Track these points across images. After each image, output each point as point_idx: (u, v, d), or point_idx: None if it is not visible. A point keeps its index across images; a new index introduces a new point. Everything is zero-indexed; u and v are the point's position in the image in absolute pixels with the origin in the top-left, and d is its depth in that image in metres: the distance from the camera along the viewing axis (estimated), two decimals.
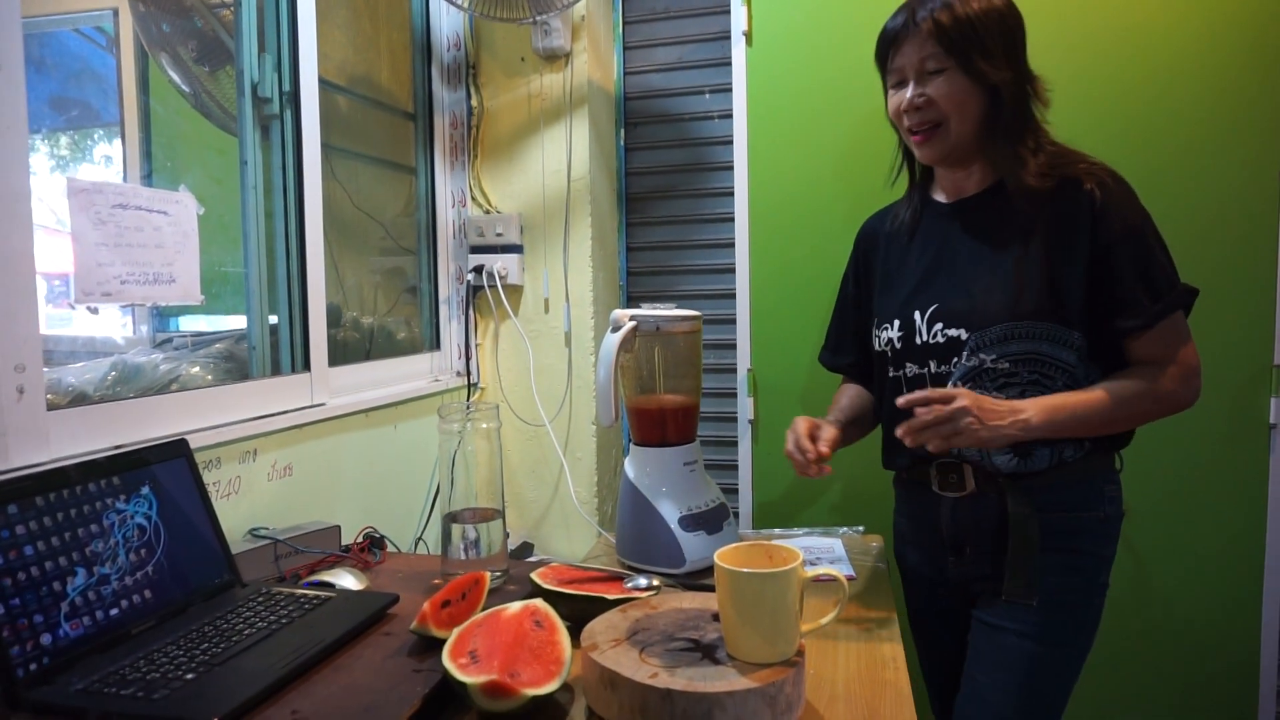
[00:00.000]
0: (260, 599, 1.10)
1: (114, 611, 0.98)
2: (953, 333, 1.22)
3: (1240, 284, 1.78)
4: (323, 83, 1.75)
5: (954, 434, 1.09)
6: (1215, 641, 1.83)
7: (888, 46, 1.25)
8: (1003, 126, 1.20)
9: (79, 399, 1.28)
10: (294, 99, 1.67)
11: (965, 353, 1.21)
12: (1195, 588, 1.83)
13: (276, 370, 1.63)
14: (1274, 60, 1.74)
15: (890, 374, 1.30)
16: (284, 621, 1.03)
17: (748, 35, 2.02)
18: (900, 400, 1.13)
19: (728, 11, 2.08)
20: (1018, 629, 1.19)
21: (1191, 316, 1.84)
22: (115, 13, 1.47)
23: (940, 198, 1.33)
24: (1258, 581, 1.80)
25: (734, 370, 2.11)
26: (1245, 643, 1.81)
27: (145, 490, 1.07)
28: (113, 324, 1.51)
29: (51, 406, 1.15)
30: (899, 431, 1.12)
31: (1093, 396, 1.15)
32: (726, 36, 2.14)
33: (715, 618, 0.94)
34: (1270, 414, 1.77)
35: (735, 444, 2.12)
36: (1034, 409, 1.13)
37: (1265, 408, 1.78)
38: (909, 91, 1.22)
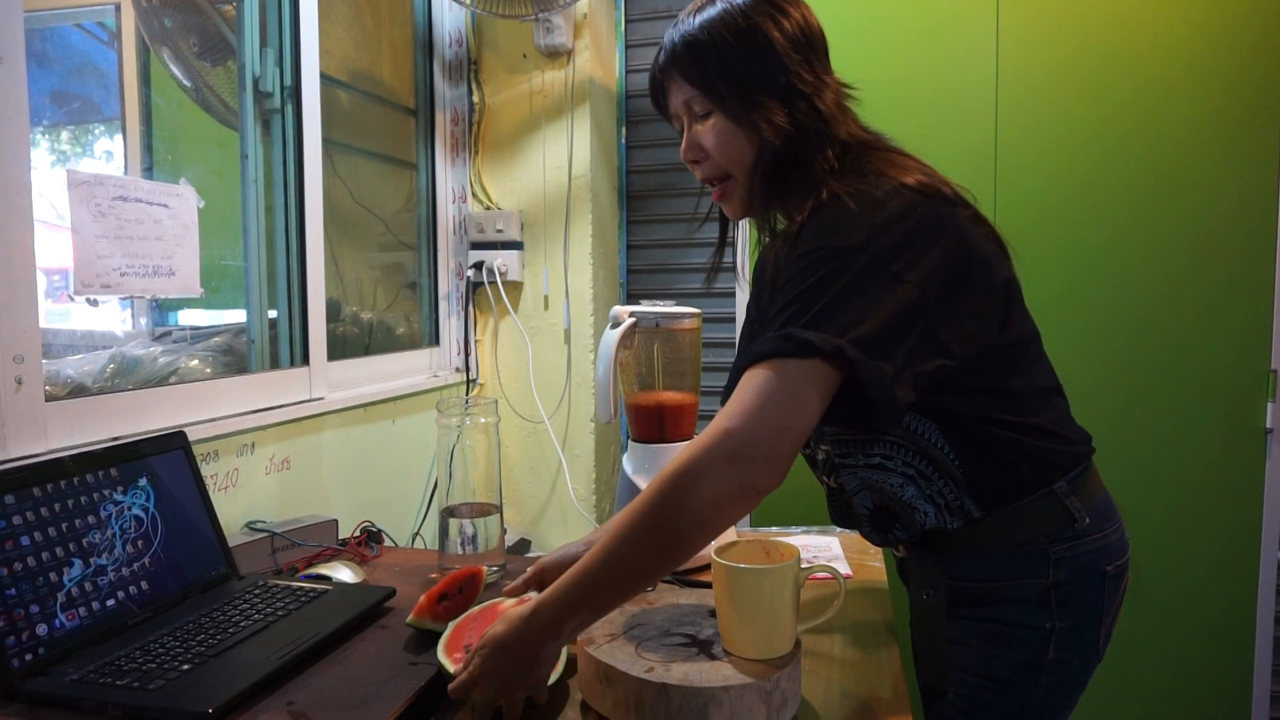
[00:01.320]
0: (257, 591, 1.10)
1: (110, 603, 0.98)
2: None
3: (1238, 290, 1.78)
4: (324, 78, 1.75)
5: (499, 693, 0.83)
6: (1209, 646, 1.83)
7: (656, 92, 1.05)
8: (782, 170, 0.98)
9: (77, 390, 1.28)
10: (295, 94, 1.67)
11: (810, 445, 1.07)
12: (1189, 591, 1.83)
13: (275, 364, 1.63)
14: (1273, 67, 1.74)
15: None
16: (280, 614, 1.03)
17: None
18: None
19: None
20: (955, 700, 1.02)
21: (1190, 320, 1.84)
22: (117, 7, 1.47)
23: None
24: (1252, 585, 1.80)
25: None
26: (1239, 647, 1.81)
27: (143, 482, 1.07)
28: (112, 317, 1.51)
29: (50, 398, 1.15)
30: None
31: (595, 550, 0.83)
32: None
33: (712, 613, 0.94)
34: (1267, 418, 1.77)
35: None
36: (533, 605, 0.84)
37: (1261, 412, 1.78)
38: (684, 141, 1.03)
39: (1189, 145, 1.79)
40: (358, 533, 1.41)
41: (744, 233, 2.06)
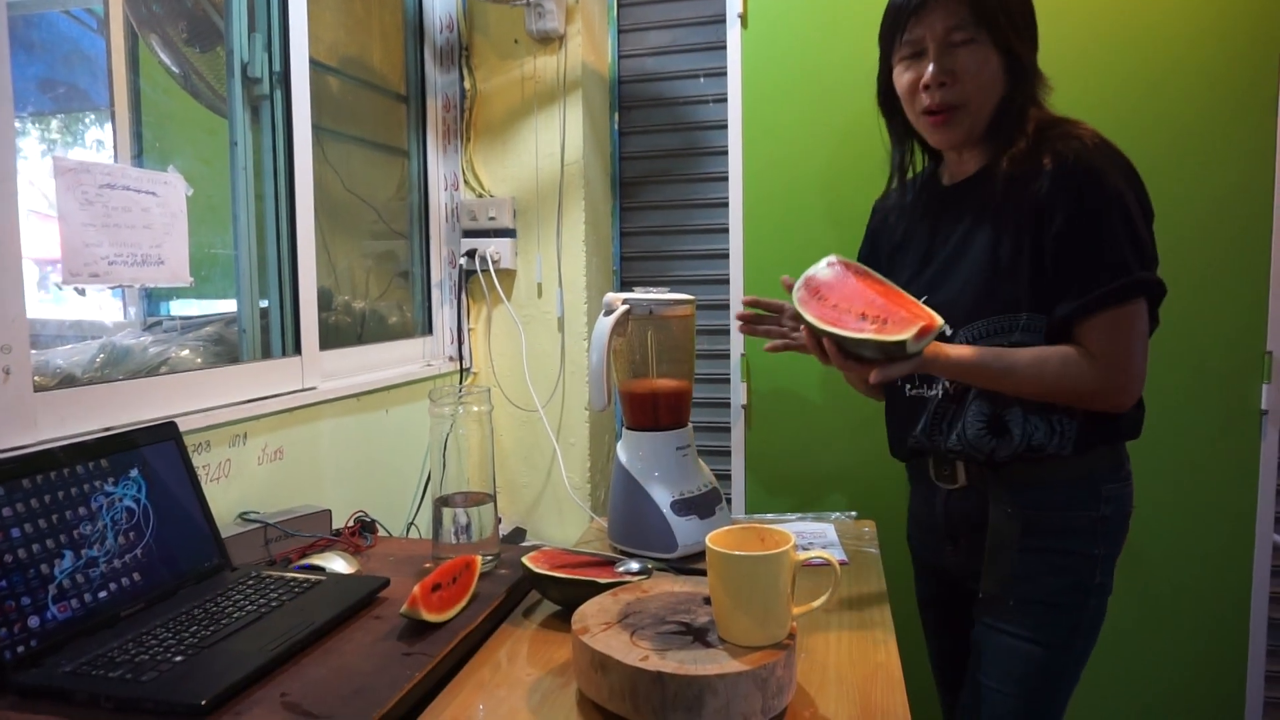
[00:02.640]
0: (250, 582, 1.09)
1: (102, 594, 0.97)
2: None
3: (1234, 271, 1.78)
4: (314, 63, 1.73)
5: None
6: (1205, 628, 1.84)
7: (907, 14, 1.13)
8: (1016, 107, 1.12)
9: (67, 381, 1.27)
10: (284, 80, 1.65)
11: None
12: (1185, 573, 1.84)
13: (267, 354, 1.62)
14: (1271, 50, 1.73)
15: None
16: (274, 605, 1.03)
17: (743, 18, 2.01)
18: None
19: None
20: (1015, 631, 1.17)
21: (1186, 302, 1.84)
22: None
23: (944, 178, 1.27)
24: (1247, 567, 1.81)
25: (727, 355, 2.11)
26: (1235, 629, 1.82)
27: (134, 473, 1.06)
28: (104, 307, 1.50)
29: (39, 388, 1.14)
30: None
31: (1015, 361, 1.09)
32: (722, 20, 2.12)
33: (707, 601, 0.94)
34: (1262, 400, 1.78)
35: (728, 429, 2.12)
36: (943, 366, 1.09)
37: (1257, 394, 1.78)
38: (931, 66, 1.11)
39: (1185, 128, 1.79)
40: (351, 523, 1.41)
41: (738, 224, 2.05)
